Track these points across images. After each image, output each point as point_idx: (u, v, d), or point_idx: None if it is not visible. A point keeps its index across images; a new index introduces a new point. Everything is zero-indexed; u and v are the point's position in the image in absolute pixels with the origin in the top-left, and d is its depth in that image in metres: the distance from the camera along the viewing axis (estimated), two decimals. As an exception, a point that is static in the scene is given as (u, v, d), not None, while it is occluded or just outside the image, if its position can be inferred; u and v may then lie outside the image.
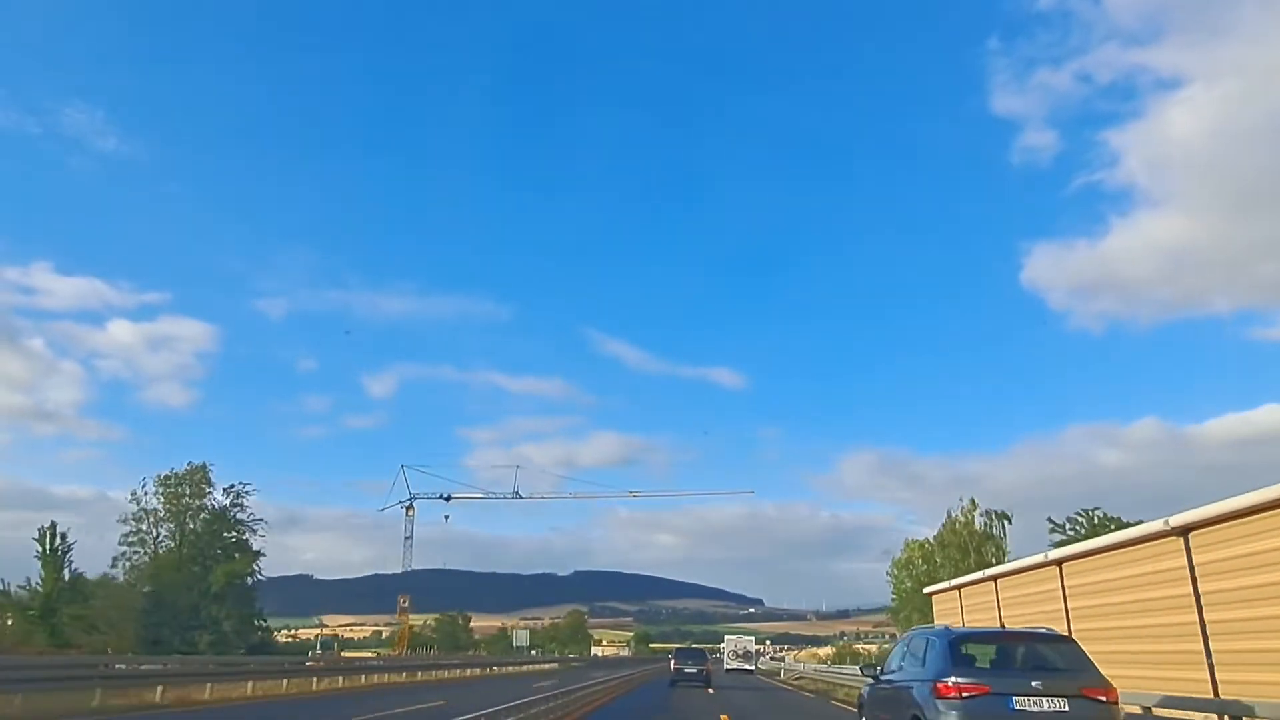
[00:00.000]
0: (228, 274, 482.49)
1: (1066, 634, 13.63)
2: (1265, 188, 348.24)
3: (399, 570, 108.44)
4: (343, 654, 71.32)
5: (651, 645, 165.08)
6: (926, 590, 36.59)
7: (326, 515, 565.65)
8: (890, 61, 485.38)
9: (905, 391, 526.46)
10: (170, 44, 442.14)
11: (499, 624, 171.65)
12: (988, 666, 9.52)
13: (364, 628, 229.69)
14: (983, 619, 24.79)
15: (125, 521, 57.44)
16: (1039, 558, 20.86)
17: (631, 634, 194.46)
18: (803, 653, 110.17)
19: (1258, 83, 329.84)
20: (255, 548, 59.70)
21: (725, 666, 62.73)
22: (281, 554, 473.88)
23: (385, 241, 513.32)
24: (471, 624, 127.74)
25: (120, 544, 57.07)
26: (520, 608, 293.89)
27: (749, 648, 66.53)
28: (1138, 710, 12.85)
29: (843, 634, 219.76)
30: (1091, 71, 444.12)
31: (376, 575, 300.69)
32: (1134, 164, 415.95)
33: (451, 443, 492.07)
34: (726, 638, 72.78)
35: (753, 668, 63.57)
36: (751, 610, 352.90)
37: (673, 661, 39.20)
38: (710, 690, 33.82)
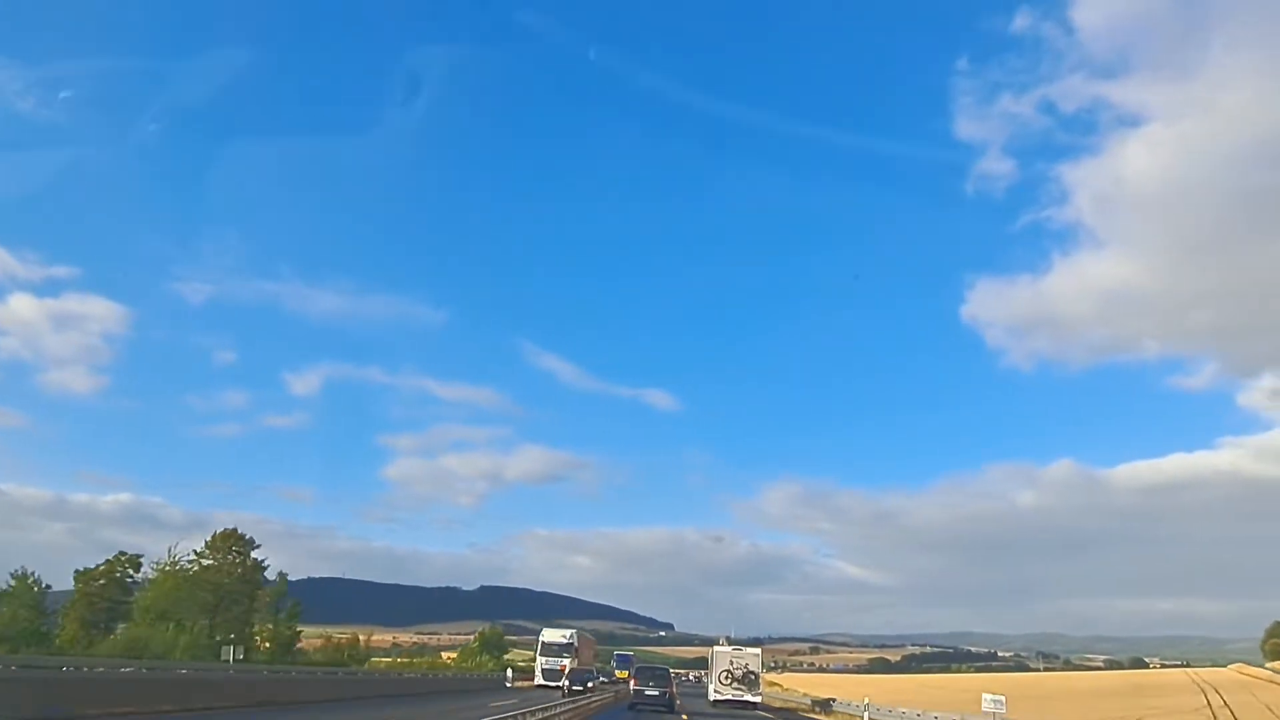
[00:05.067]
0: (147, 253, 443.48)
1: None
2: (1210, 234, 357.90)
3: (292, 578, 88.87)
4: None
5: (508, 656, 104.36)
6: None
7: (237, 521, 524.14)
8: (855, 77, 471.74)
9: (834, 421, 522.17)
10: (99, 5, 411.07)
11: (391, 639, 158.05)
12: None
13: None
14: None
15: None
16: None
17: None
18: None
19: (1218, 126, 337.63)
20: None
21: (713, 696, 43.77)
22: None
23: (323, 235, 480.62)
24: (365, 639, 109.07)
25: None
26: (419, 622, 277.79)
27: (751, 667, 44.53)
28: None
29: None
30: (1055, 101, 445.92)
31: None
32: (1083, 201, 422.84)
33: (373, 447, 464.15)
34: (716, 651, 48.14)
35: (758, 699, 44.33)
36: (662, 634, 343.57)
37: (632, 682, 42.06)
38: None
